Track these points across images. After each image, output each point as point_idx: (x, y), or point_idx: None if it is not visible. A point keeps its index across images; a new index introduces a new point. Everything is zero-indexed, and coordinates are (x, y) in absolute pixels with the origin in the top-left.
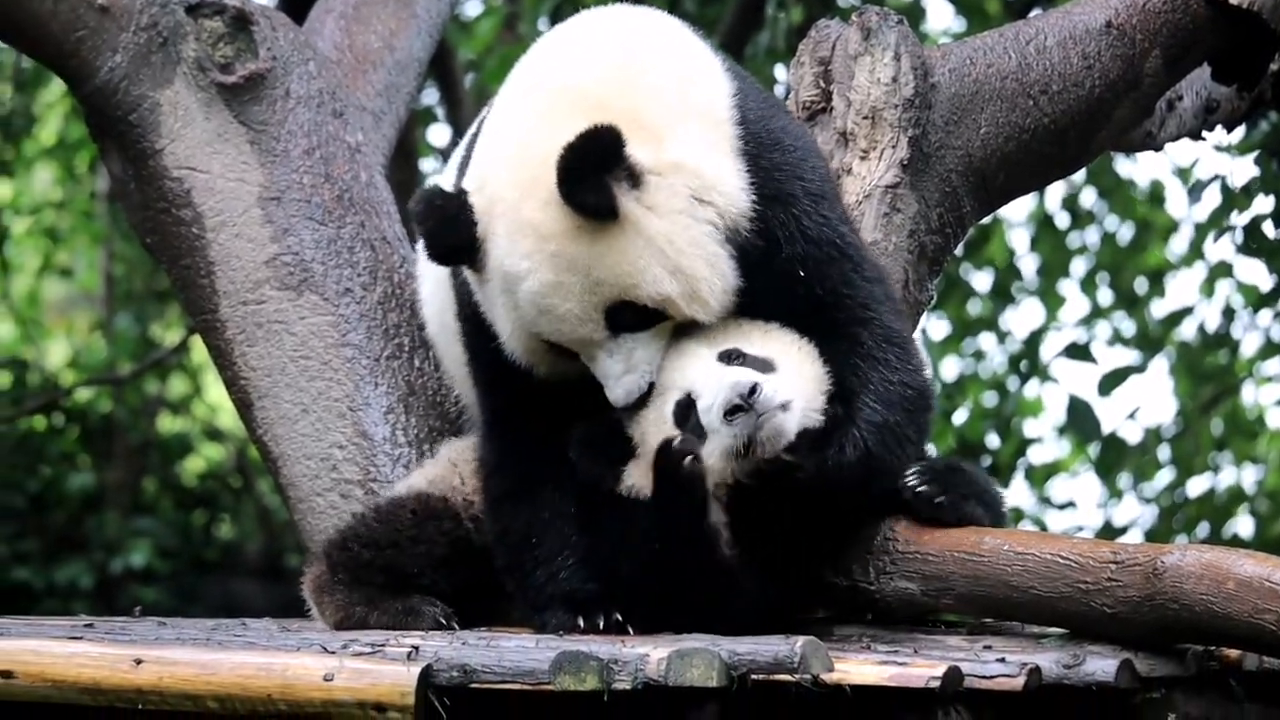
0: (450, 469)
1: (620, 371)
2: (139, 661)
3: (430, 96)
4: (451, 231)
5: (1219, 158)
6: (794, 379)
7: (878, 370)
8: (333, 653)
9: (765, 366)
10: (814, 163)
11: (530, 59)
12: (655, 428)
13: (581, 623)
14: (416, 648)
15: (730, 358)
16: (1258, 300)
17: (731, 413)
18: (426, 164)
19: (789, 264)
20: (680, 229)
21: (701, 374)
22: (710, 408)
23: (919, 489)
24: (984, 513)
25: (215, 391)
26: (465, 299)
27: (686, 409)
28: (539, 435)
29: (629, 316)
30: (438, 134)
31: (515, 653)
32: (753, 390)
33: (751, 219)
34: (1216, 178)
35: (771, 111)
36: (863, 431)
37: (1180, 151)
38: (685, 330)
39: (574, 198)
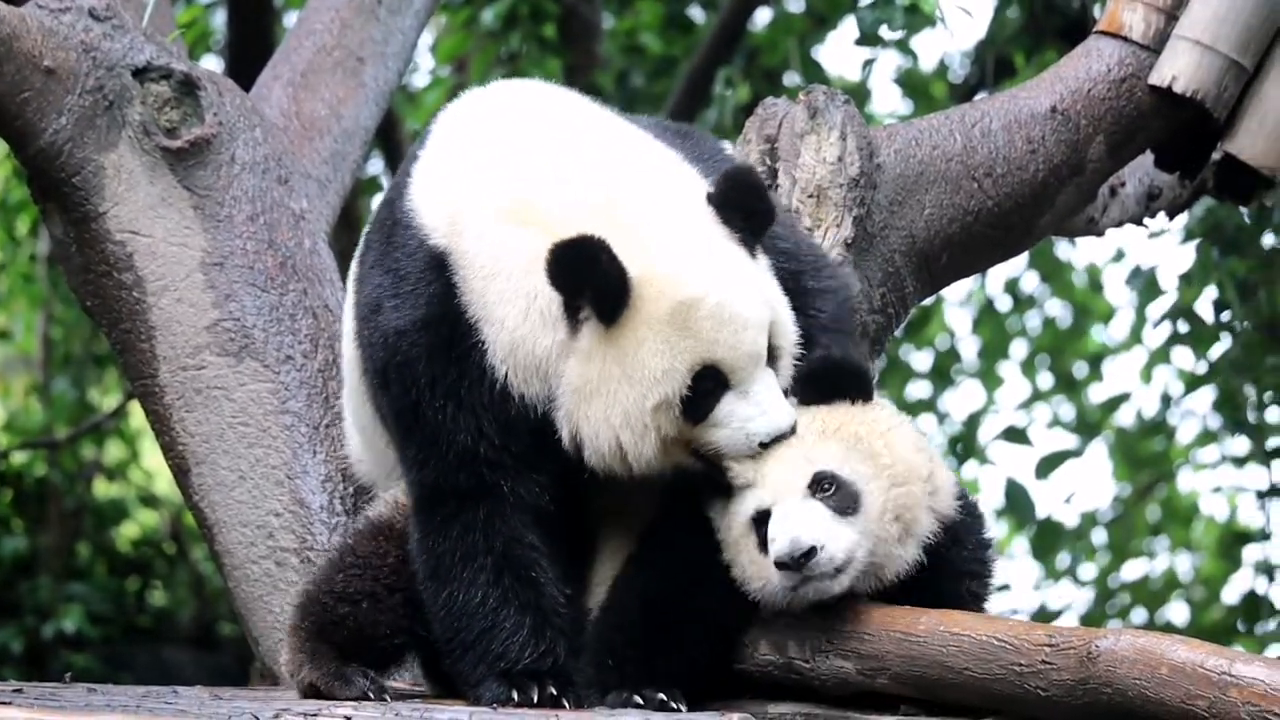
0: None
1: (782, 395)
2: None
3: (375, 166)
4: (612, 280)
5: (1160, 244)
6: (872, 517)
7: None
8: None
9: (849, 503)
10: None
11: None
12: (739, 518)
13: (515, 696)
14: (349, 718)
15: (820, 486)
16: (1190, 381)
17: (782, 565)
18: None
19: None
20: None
21: (784, 496)
22: (769, 546)
23: None
24: None
25: (152, 457)
26: (441, 370)
27: (759, 522)
28: (463, 516)
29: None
30: None
31: None
32: (810, 553)
33: None
34: (1156, 266)
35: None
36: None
37: (1121, 237)
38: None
39: (752, 223)
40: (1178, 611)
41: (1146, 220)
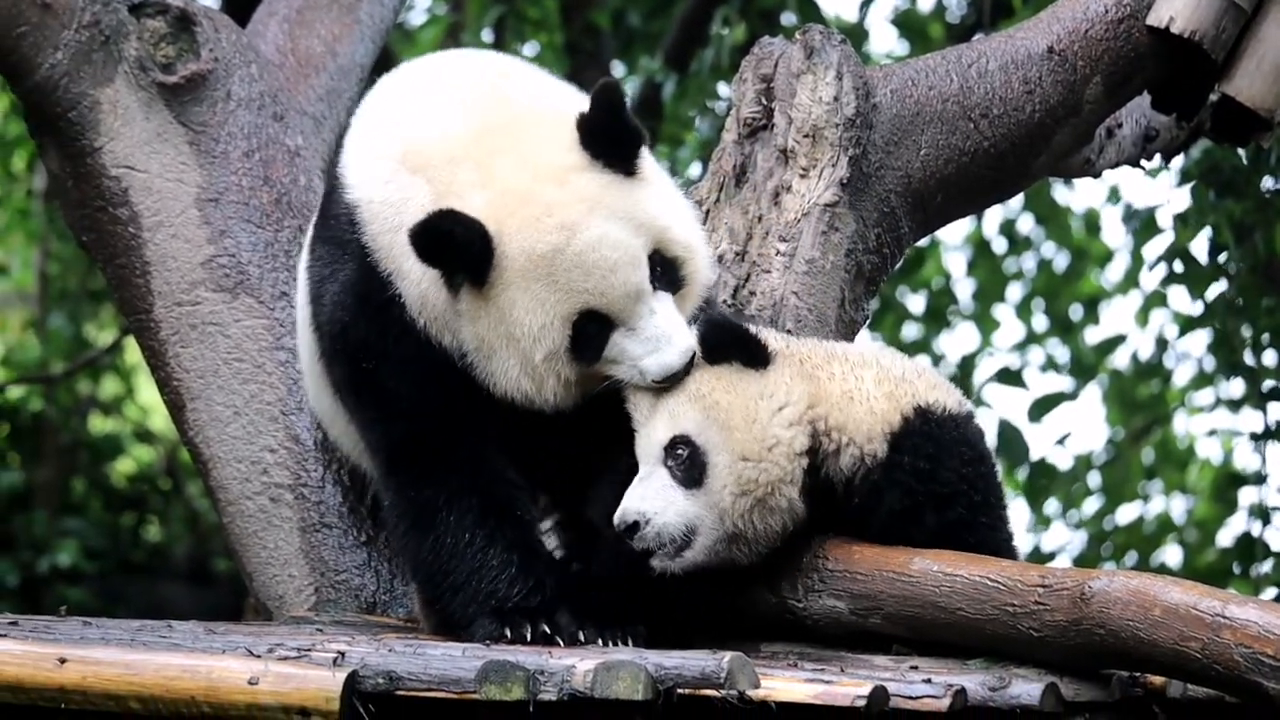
0: None
1: (677, 323)
2: (63, 660)
3: None
4: (471, 249)
5: (1156, 186)
6: (714, 489)
7: None
8: (258, 656)
9: (695, 474)
10: None
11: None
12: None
13: (508, 633)
14: (342, 653)
15: (670, 453)
16: (1185, 324)
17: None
18: None
19: None
20: (675, 191)
21: (643, 459)
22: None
23: None
24: None
25: (147, 393)
26: (368, 328)
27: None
28: (440, 462)
29: (659, 271)
30: None
31: (441, 661)
32: (634, 527)
33: None
34: (1154, 207)
35: None
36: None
37: (1118, 179)
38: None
39: (618, 146)
40: (1172, 554)
41: (1143, 162)
